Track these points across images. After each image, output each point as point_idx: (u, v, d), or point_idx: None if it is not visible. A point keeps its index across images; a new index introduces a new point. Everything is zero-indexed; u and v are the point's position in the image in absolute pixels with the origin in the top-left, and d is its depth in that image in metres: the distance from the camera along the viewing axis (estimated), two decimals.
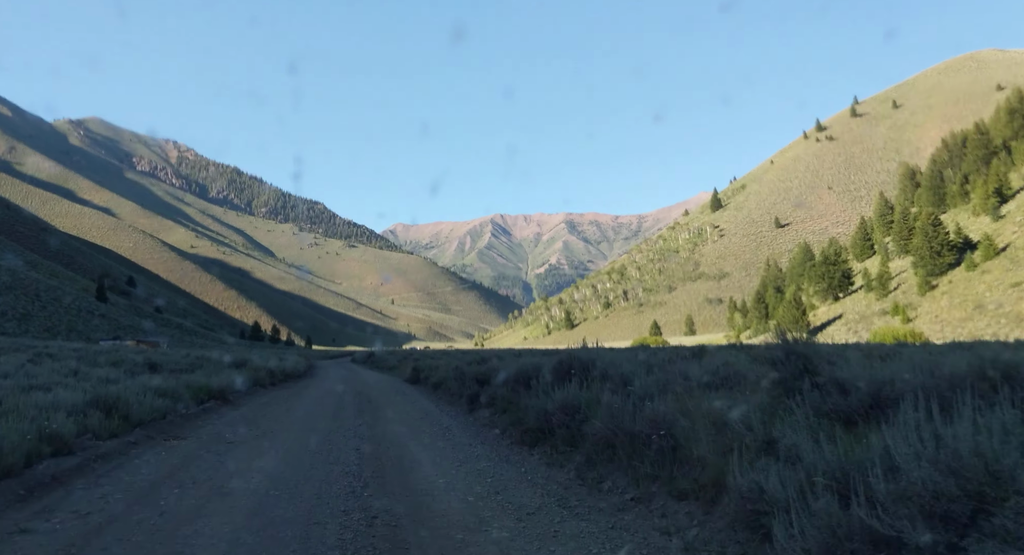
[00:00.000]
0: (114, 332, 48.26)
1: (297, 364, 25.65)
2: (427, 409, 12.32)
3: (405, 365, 28.52)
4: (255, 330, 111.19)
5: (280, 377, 20.20)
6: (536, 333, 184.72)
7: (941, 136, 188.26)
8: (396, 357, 39.09)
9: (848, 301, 68.44)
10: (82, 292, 61.48)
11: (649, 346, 54.79)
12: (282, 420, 10.51)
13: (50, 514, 4.73)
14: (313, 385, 20.32)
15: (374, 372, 30.50)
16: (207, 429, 9.18)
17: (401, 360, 33.55)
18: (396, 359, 35.32)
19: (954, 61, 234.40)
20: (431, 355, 36.18)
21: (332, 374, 27.96)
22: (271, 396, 15.48)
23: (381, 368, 33.38)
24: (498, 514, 4.79)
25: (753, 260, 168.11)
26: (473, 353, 34.83)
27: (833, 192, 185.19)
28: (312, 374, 27.26)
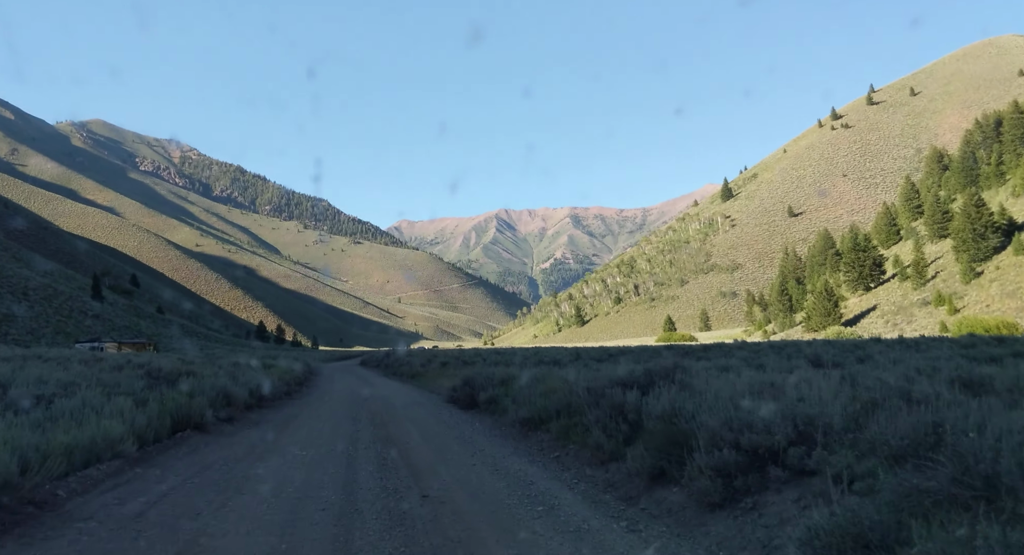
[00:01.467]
0: (108, 334, 45.29)
1: (287, 376, 18.62)
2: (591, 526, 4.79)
3: (437, 371, 22.71)
4: (260, 330, 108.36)
5: (252, 402, 12.52)
6: (546, 331, 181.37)
7: (961, 123, 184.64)
8: (418, 358, 31.29)
9: (881, 291, 64.75)
10: (77, 291, 58.62)
11: (677, 343, 50.76)
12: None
13: None
14: (300, 418, 11.88)
15: (393, 381, 23.84)
16: None
17: (426, 362, 26.77)
18: (419, 361, 28.27)
19: (973, 47, 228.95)
20: (459, 356, 30.08)
21: (337, 386, 21.70)
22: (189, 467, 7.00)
23: (401, 375, 26.23)
24: None
25: (766, 250, 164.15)
26: (510, 353, 31.33)
27: (848, 179, 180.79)
28: (307, 388, 19.99)
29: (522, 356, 26.68)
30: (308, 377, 24.61)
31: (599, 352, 25.17)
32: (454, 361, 25.88)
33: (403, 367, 27.71)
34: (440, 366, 24.61)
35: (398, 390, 18.83)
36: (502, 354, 29.70)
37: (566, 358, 24.29)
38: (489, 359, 25.79)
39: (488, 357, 27.63)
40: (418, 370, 24.71)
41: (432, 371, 23.56)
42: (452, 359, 27.21)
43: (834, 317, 59.96)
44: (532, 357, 24.88)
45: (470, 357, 28.81)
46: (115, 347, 33.25)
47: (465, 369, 19.94)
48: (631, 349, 29.39)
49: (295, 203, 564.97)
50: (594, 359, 21.02)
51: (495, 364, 21.03)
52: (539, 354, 27.60)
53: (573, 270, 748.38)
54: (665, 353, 20.20)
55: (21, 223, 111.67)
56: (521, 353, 29.67)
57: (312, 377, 26.68)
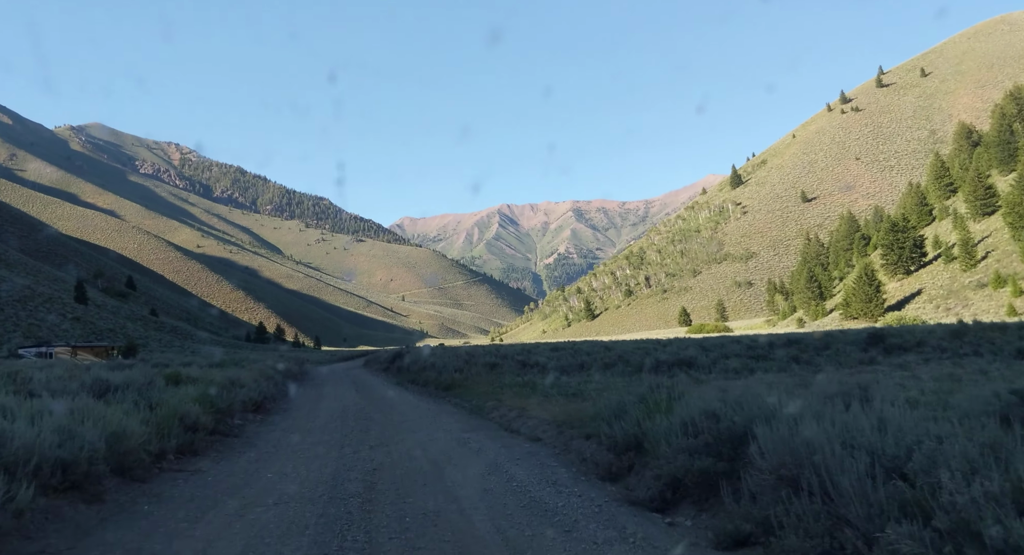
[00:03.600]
0: (87, 337, 41.26)
1: (229, 396, 11.38)
2: None
3: (487, 381, 15.74)
4: (260, 331, 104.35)
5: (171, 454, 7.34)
6: (555, 325, 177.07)
7: (975, 102, 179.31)
8: (446, 359, 21.45)
9: (924, 275, 60.24)
10: (60, 293, 54.59)
11: (712, 336, 45.70)
12: None
13: None
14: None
15: (421, 400, 15.24)
16: None
17: (465, 365, 19.05)
18: (452, 363, 19.63)
19: (984, 25, 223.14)
20: (496, 353, 23.55)
21: (322, 415, 12.90)
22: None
23: (423, 384, 18.10)
24: None
25: (781, 237, 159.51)
26: (568, 349, 25.75)
27: (862, 163, 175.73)
28: (277, 415, 12.77)
29: (583, 353, 21.41)
30: (301, 376, 19.16)
31: (671, 349, 19.96)
32: (503, 362, 19.71)
33: (426, 373, 19.49)
34: (487, 369, 18.15)
35: (450, 431, 9.95)
36: (560, 350, 23.45)
37: (632, 350, 19.56)
38: (551, 358, 20.57)
39: (539, 356, 22.03)
40: (454, 379, 16.87)
41: (478, 380, 16.12)
42: (499, 359, 20.45)
43: (876, 303, 55.52)
44: (600, 354, 19.68)
45: (513, 354, 22.38)
46: (68, 352, 29.08)
47: (533, 374, 15.64)
48: (685, 341, 24.94)
49: (296, 202, 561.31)
50: (677, 362, 16.17)
51: (579, 369, 16.54)
52: (603, 351, 22.01)
53: (577, 265, 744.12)
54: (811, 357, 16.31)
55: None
56: (568, 349, 24.23)
57: (302, 381, 21.07)
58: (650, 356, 17.79)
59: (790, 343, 20.20)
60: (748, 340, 23.63)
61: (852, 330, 25.36)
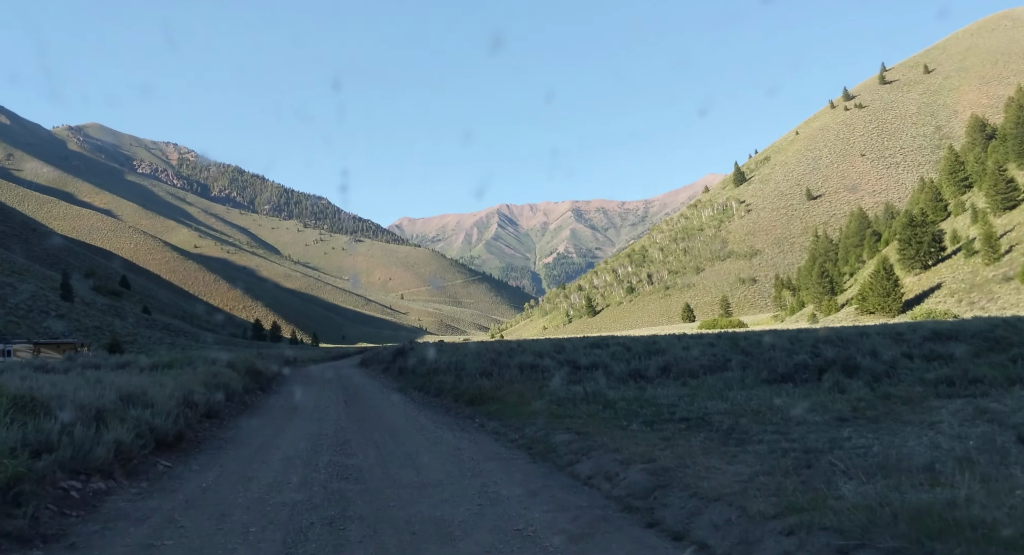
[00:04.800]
0: (73, 334, 39.24)
1: None
2: None
3: (527, 393, 11.38)
4: (257, 329, 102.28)
5: None
6: (556, 322, 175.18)
7: (980, 98, 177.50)
8: (459, 357, 18.30)
9: (943, 269, 58.27)
10: (47, 291, 52.57)
11: (727, 331, 43.61)
12: None
13: None
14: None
15: (446, 428, 10.15)
16: None
17: (490, 367, 15.16)
18: (473, 364, 15.92)
19: (986, 21, 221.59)
20: (516, 350, 19.55)
21: (275, 459, 7.89)
22: None
23: (437, 393, 14.27)
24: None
25: (786, 235, 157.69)
26: (604, 344, 21.46)
27: (867, 159, 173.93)
28: (200, 459, 7.92)
29: (633, 351, 17.02)
30: (237, 403, 13.19)
31: (779, 343, 15.87)
32: (539, 362, 15.53)
33: (440, 378, 15.21)
34: (524, 373, 14.00)
35: (536, 534, 4.69)
36: (602, 348, 19.12)
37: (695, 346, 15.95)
38: (598, 357, 16.32)
39: (581, 354, 17.59)
40: (482, 387, 12.55)
41: (515, 389, 11.91)
42: (535, 358, 16.36)
43: (894, 297, 53.55)
44: (677, 354, 15.41)
45: (549, 352, 18.09)
46: (30, 350, 26.94)
47: (592, 381, 11.57)
48: (711, 338, 22.13)
49: (294, 202, 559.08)
50: (824, 363, 11.82)
51: (664, 374, 12.56)
52: (645, 347, 18.02)
53: (576, 264, 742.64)
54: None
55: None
56: (611, 346, 19.61)
57: (268, 391, 16.65)
58: (777, 355, 13.38)
59: (938, 337, 15.73)
60: (888, 331, 18.76)
61: (935, 324, 22.79)
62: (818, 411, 6.86)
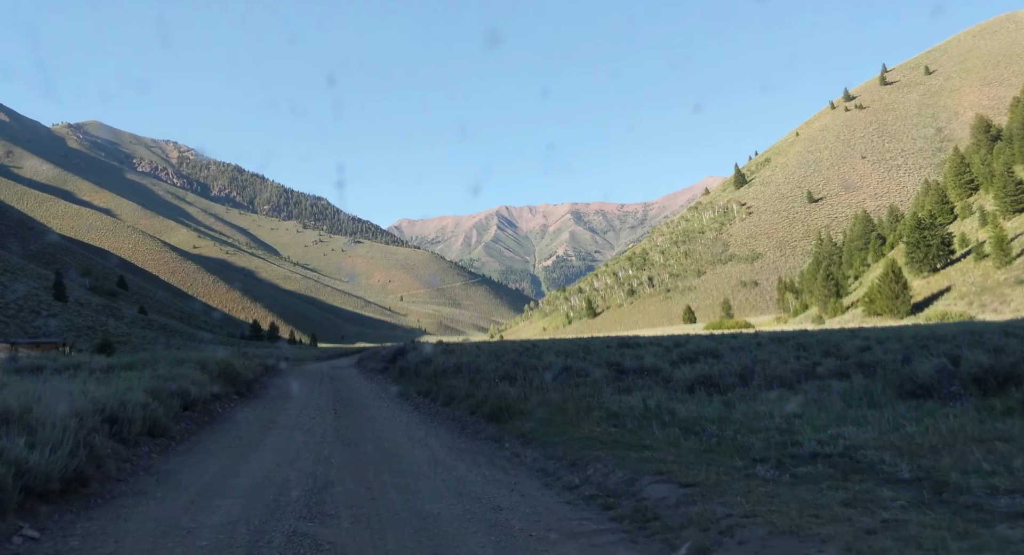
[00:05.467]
0: (63, 334, 38.31)
1: None
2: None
3: (565, 401, 9.89)
4: (255, 329, 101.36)
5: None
6: (556, 323, 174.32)
7: (982, 100, 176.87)
8: (471, 358, 16.89)
9: (952, 272, 57.45)
10: (39, 290, 51.64)
11: (730, 332, 42.80)
12: None
13: None
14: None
15: (470, 461, 7.68)
16: None
17: (513, 370, 13.36)
18: (490, 366, 14.45)
19: (989, 23, 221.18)
20: (529, 350, 17.39)
21: (216, 517, 5.33)
22: None
23: (448, 403, 12.29)
24: None
25: (787, 238, 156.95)
26: (638, 343, 19.73)
27: (868, 161, 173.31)
28: (97, 517, 5.27)
29: (683, 349, 15.35)
30: (202, 413, 11.42)
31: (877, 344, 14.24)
32: (574, 364, 13.57)
33: (450, 382, 13.34)
34: (556, 378, 12.06)
35: None
36: (632, 349, 16.78)
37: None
38: (635, 360, 14.24)
39: (621, 355, 15.48)
40: (507, 397, 10.41)
41: (550, 399, 10.00)
42: (570, 361, 14.28)
43: (903, 300, 52.71)
44: (693, 349, 13.93)
45: (575, 351, 15.88)
46: (6, 349, 25.90)
47: (648, 390, 9.61)
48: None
49: (294, 202, 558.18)
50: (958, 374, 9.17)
51: (742, 382, 10.68)
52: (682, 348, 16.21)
53: (576, 267, 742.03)
54: None
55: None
56: (643, 346, 17.51)
57: (248, 395, 14.54)
58: (888, 359, 11.33)
59: None
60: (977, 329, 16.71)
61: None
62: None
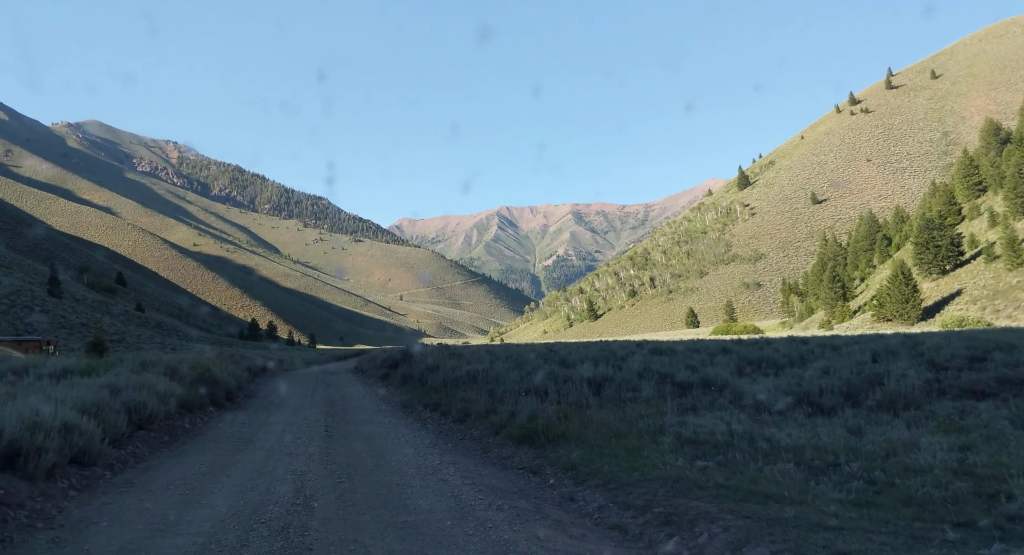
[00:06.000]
0: (54, 331, 37.30)
1: None
2: None
3: (623, 421, 8.11)
4: (253, 328, 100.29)
5: None
6: (557, 325, 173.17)
7: (988, 104, 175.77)
8: (484, 364, 14.72)
9: (963, 275, 56.33)
10: (33, 285, 50.61)
11: (741, 338, 41.43)
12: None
13: None
14: None
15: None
16: None
17: (547, 382, 10.57)
18: (513, 377, 11.85)
19: (995, 27, 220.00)
20: (550, 355, 15.69)
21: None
22: None
23: (463, 420, 10.30)
24: None
25: (791, 239, 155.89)
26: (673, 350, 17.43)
27: (873, 164, 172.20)
28: None
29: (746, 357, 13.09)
30: (144, 445, 8.45)
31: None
32: (615, 374, 11.40)
33: (463, 393, 11.45)
34: (599, 392, 10.17)
35: None
36: (669, 354, 15.09)
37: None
38: (691, 369, 12.08)
39: (671, 364, 13.15)
40: (546, 416, 8.31)
41: (595, 419, 8.05)
42: (590, 364, 12.61)
43: (913, 304, 51.60)
44: (749, 355, 11.68)
45: (595, 357, 13.74)
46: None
47: (711, 406, 7.88)
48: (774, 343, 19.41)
49: (295, 201, 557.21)
50: None
51: (809, 408, 8.54)
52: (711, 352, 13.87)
53: (576, 267, 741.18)
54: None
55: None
56: (693, 351, 15.40)
57: (210, 414, 11.74)
58: None
59: None
60: None
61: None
62: None
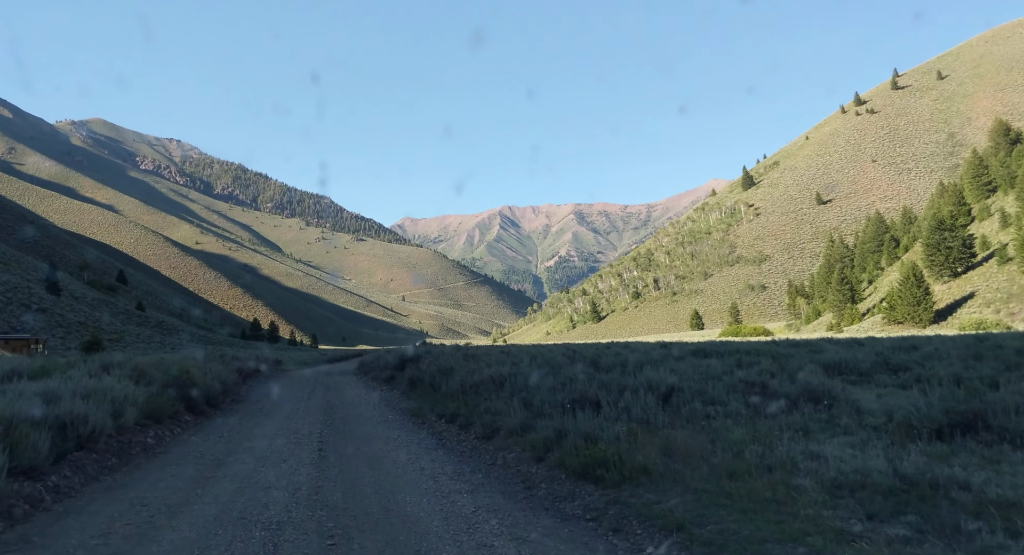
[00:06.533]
0: (51, 330, 36.57)
1: None
2: None
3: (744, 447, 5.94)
4: (255, 328, 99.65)
5: None
6: (559, 327, 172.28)
7: (995, 105, 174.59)
8: (506, 366, 13.34)
9: (975, 277, 55.37)
10: (31, 283, 49.95)
11: (750, 340, 40.22)
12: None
13: None
14: None
15: None
16: None
17: (577, 399, 8.50)
18: (545, 383, 10.05)
19: (1001, 28, 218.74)
20: (596, 359, 14.27)
21: None
22: None
23: (490, 437, 8.61)
24: None
25: (795, 240, 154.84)
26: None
27: (878, 165, 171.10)
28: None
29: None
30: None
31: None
32: (680, 383, 9.26)
33: (488, 402, 9.85)
34: (665, 404, 8.10)
35: None
36: (742, 359, 13.27)
37: None
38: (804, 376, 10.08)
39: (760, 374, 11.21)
40: (620, 446, 6.16)
41: (682, 443, 6.13)
42: (679, 378, 9.79)
43: (925, 306, 50.67)
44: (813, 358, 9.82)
45: (635, 361, 11.84)
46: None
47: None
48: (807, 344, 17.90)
49: (297, 200, 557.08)
50: None
51: (969, 436, 5.94)
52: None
53: (578, 268, 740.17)
54: None
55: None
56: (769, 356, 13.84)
57: (159, 440, 9.17)
58: None
59: None
60: None
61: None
62: None
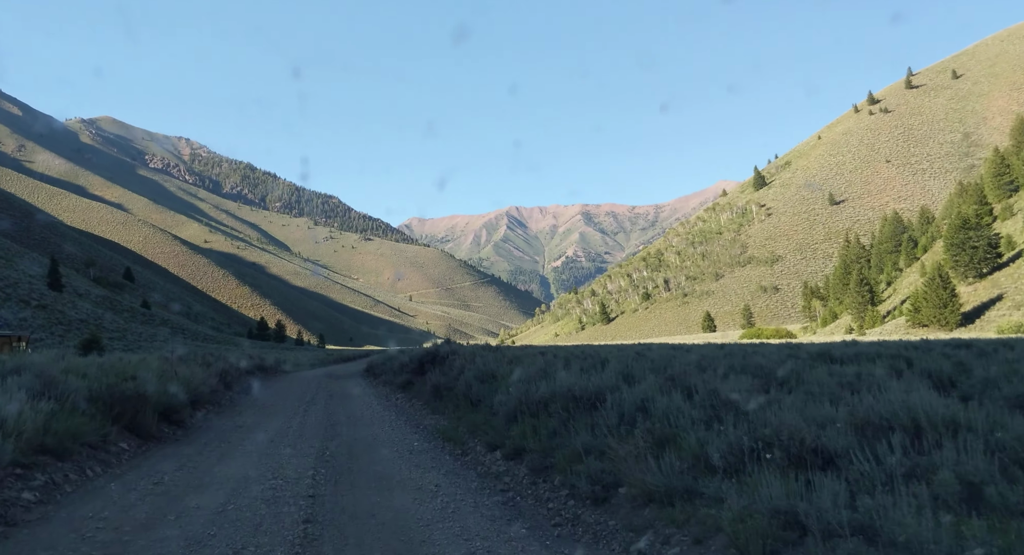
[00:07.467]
0: (51, 327, 35.57)
1: None
2: None
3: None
4: (261, 327, 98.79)
5: None
6: (568, 329, 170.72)
7: (1011, 105, 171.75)
8: (577, 376, 8.56)
9: (1002, 278, 53.56)
10: (32, 279, 49.06)
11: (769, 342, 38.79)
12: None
13: None
14: None
15: None
16: None
17: (709, 418, 5.51)
18: (673, 406, 6.23)
19: (1017, 27, 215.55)
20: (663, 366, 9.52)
21: None
22: None
23: (604, 504, 4.97)
24: None
25: (808, 241, 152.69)
26: None
27: (892, 165, 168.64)
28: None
29: None
30: None
31: None
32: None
33: (577, 436, 6.36)
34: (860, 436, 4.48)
35: None
36: None
37: None
38: None
39: None
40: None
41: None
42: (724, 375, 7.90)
43: (952, 309, 48.93)
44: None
45: (740, 367, 9.40)
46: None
47: None
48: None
49: (305, 200, 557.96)
50: None
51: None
52: None
53: (585, 268, 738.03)
54: None
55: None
56: None
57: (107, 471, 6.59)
58: None
59: None
60: None
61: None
62: None
